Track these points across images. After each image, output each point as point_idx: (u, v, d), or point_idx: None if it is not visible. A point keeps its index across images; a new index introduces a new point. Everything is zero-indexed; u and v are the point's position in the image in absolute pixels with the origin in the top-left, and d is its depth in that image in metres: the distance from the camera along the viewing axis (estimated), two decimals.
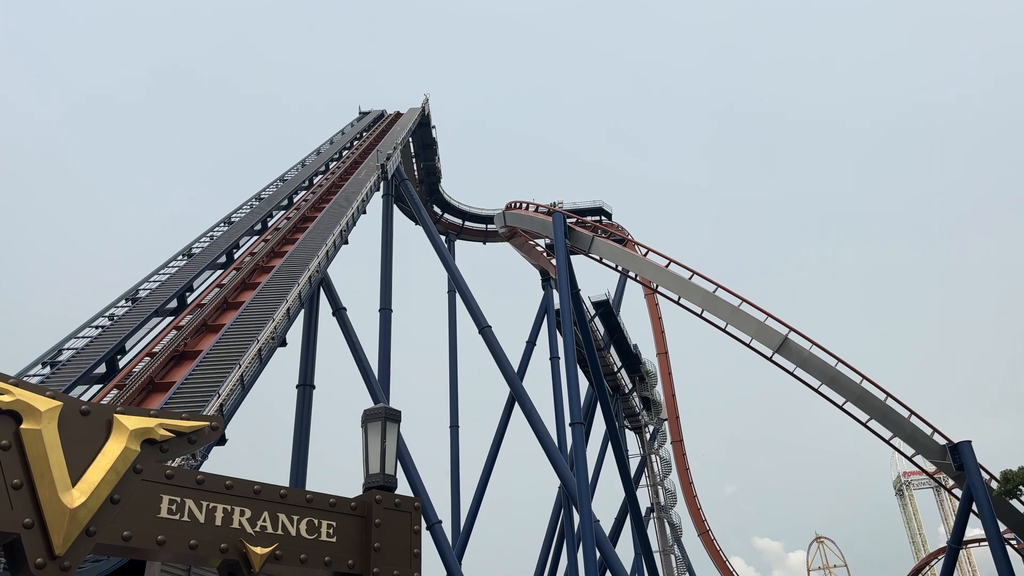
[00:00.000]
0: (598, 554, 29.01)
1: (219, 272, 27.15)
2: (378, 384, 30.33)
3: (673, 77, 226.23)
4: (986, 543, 30.59)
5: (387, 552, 6.01)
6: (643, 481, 52.73)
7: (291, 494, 5.80)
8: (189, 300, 24.84)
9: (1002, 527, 28.84)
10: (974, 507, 28.49)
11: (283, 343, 23.34)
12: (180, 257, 27.35)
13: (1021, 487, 27.70)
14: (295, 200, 35.61)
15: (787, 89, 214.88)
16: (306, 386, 29.80)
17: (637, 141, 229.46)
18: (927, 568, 69.24)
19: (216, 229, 30.50)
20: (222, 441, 17.14)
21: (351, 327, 30.89)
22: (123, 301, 23.33)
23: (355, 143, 45.69)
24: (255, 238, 30.84)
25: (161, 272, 25.78)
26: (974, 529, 36.34)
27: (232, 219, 31.78)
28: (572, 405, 32.76)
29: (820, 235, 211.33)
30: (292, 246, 28.41)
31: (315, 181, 38.49)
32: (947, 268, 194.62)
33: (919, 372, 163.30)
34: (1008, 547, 29.68)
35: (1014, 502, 28.96)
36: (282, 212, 34.00)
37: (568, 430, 35.98)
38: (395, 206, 41.68)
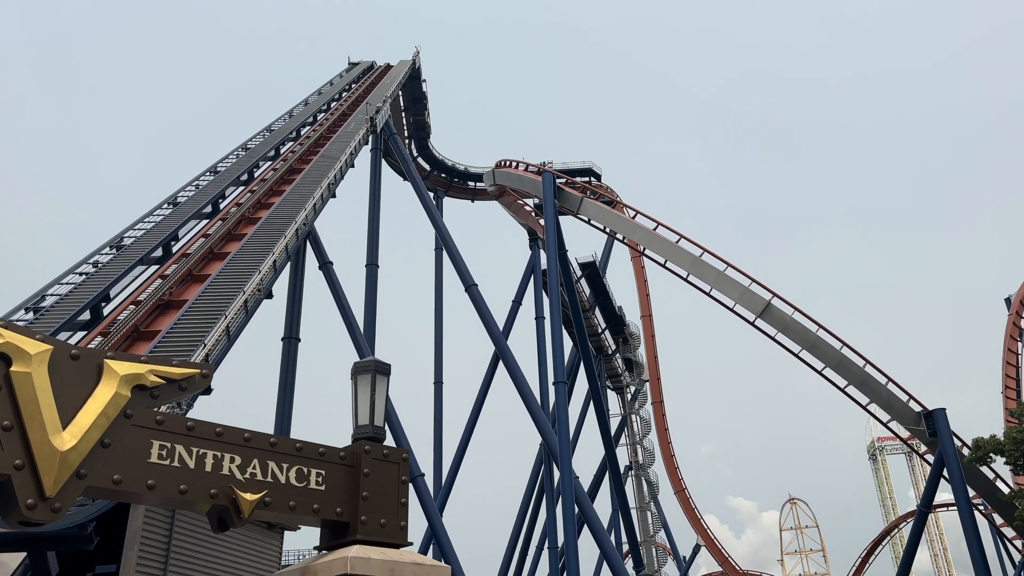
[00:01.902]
0: (576, 509, 29.52)
1: (205, 222, 26.89)
2: (364, 339, 30.35)
3: (672, 42, 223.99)
4: (955, 508, 31.47)
5: (375, 501, 6.10)
6: (623, 440, 53.48)
7: (281, 443, 5.85)
8: (174, 249, 24.63)
9: (971, 493, 29.58)
10: (945, 473, 29.17)
11: (269, 295, 23.26)
12: (165, 206, 27.06)
13: (991, 454, 28.33)
14: (282, 151, 35.17)
15: (782, 60, 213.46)
16: (291, 339, 29.78)
17: (631, 105, 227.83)
18: (896, 530, 71.20)
19: (202, 178, 30.13)
20: (208, 391, 17.09)
21: (338, 282, 30.79)
22: (107, 248, 23.11)
23: (344, 95, 45.02)
24: (241, 188, 30.50)
25: (146, 220, 25.51)
26: (943, 494, 37.34)
27: (218, 168, 31.38)
28: (556, 364, 33.01)
29: (809, 203, 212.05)
30: (279, 198, 28.14)
31: (302, 132, 37.99)
32: (929, 240, 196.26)
33: (898, 341, 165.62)
34: (976, 512, 30.50)
35: (984, 469, 29.67)
36: (269, 163, 33.58)
37: (551, 389, 36.31)
38: (383, 160, 41.26)
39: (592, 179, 48.30)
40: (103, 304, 20.34)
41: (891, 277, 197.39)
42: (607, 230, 38.00)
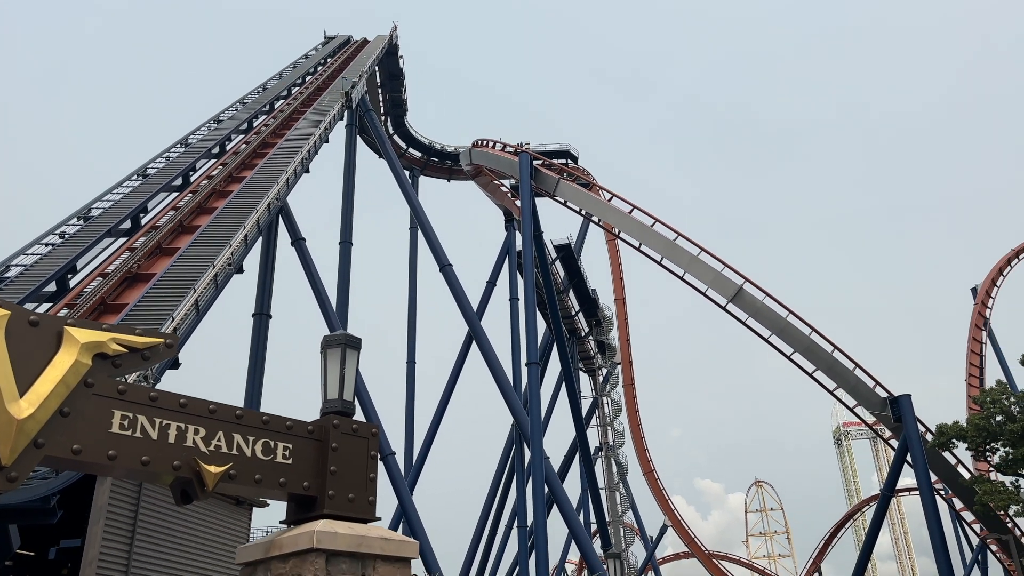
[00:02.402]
0: (546, 489, 29.70)
1: (175, 194, 26.46)
2: (336, 317, 30.12)
3: (653, 29, 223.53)
4: (917, 492, 32.11)
5: (343, 476, 6.03)
6: (594, 421, 53.82)
7: (247, 415, 5.75)
8: (143, 222, 24.21)
9: (933, 478, 30.21)
10: (909, 458, 29.73)
11: (240, 270, 22.96)
12: (135, 177, 26.55)
13: (954, 440, 28.92)
14: (255, 124, 34.63)
15: (762, 54, 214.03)
16: (262, 315, 29.49)
17: (609, 91, 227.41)
18: (859, 514, 72.64)
19: (172, 150, 29.59)
20: (175, 365, 16.94)
21: (310, 258, 30.47)
22: (75, 219, 22.64)
23: (319, 69, 44.37)
24: (212, 161, 30.01)
25: (115, 191, 25.02)
26: (906, 479, 38.10)
27: (189, 140, 30.85)
28: (529, 346, 33.04)
29: (784, 187, 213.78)
30: (251, 172, 27.73)
31: (276, 106, 37.41)
32: (899, 232, 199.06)
33: (867, 329, 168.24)
34: (937, 496, 31.17)
35: (946, 454, 30.29)
36: (241, 136, 33.06)
37: (524, 370, 36.37)
38: (359, 137, 40.78)
39: (569, 161, 48.20)
40: (69, 276, 19.95)
41: (861, 269, 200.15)
42: (583, 212, 37.98)
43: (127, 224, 23.37)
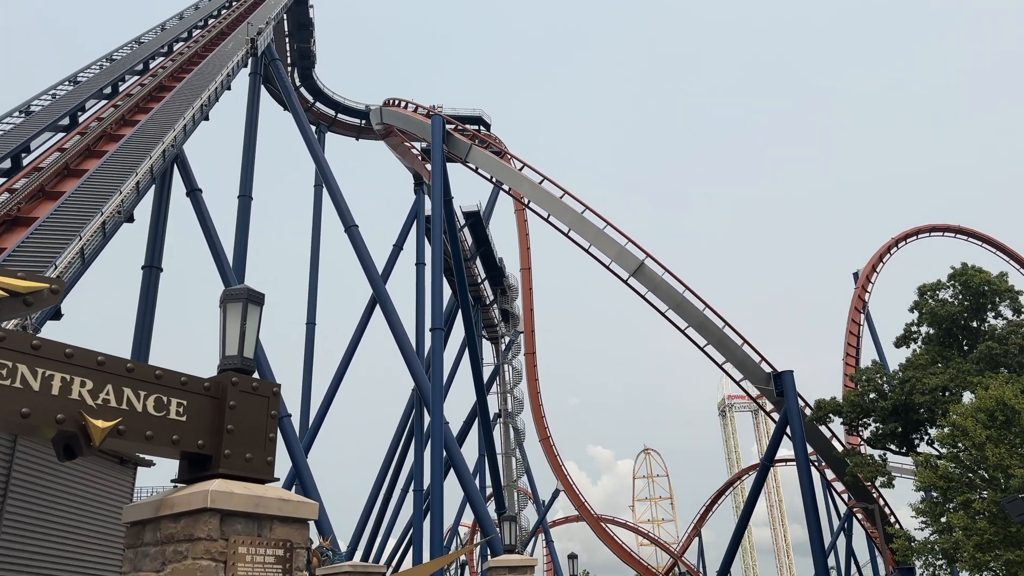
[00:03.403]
0: (444, 454, 29.88)
1: (61, 135, 24.76)
2: (232, 273, 29.06)
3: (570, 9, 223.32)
4: (794, 463, 34.08)
5: (241, 435, 5.83)
6: (494, 388, 54.40)
7: (139, 369, 5.45)
8: (25, 162, 22.55)
9: (809, 449, 32.16)
10: (788, 430, 31.50)
11: (130, 219, 21.79)
12: (17, 114, 24.65)
13: (830, 415, 30.76)
14: (151, 66, 32.71)
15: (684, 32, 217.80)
16: (152, 268, 28.17)
17: (522, 59, 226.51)
18: (739, 482, 76.66)
19: (59, 87, 27.62)
20: (57, 315, 15.98)
21: (206, 211, 29.20)
22: None
23: (223, 12, 42.15)
24: (103, 103, 28.22)
25: None
26: (784, 450, 40.35)
27: (78, 79, 28.86)
28: (434, 311, 32.95)
29: (692, 164, 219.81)
30: (145, 116, 26.25)
31: (175, 48, 35.42)
32: (788, 218, 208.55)
33: (757, 309, 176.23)
34: (812, 467, 33.21)
35: (822, 428, 32.24)
36: (136, 78, 31.19)
37: (427, 335, 36.27)
38: (263, 87, 39.17)
39: (481, 128, 47.86)
40: None
41: (758, 249, 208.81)
42: (494, 180, 37.92)
43: (7, 164, 21.74)
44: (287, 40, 47.14)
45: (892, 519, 34.24)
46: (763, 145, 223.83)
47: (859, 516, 41.33)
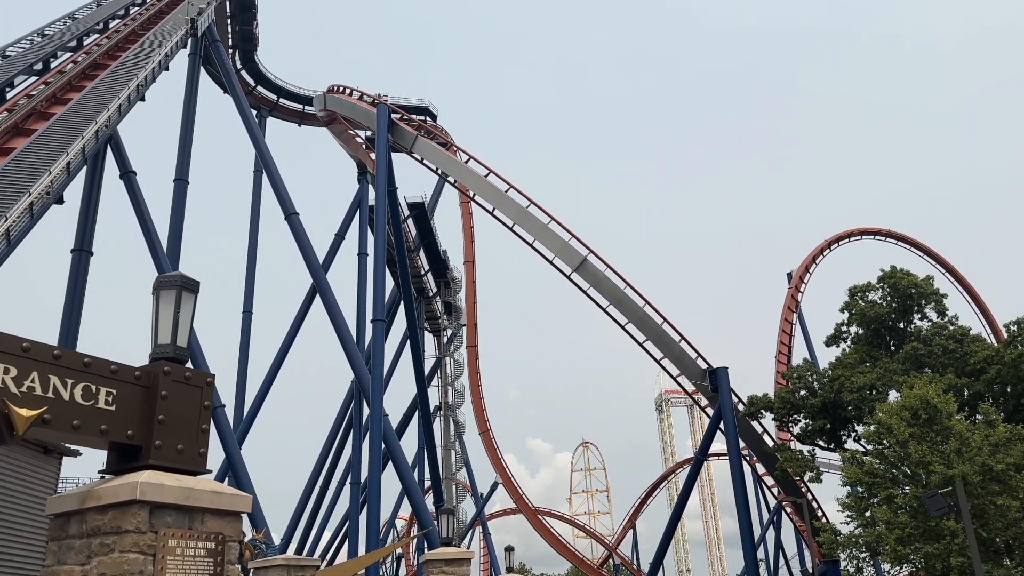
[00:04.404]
0: (383, 446, 29.66)
1: None
2: (166, 259, 28.23)
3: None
4: (727, 457, 34.92)
5: (172, 425, 5.69)
6: (435, 381, 54.19)
7: (67, 356, 5.28)
8: None
9: (741, 444, 33.00)
10: (721, 425, 32.26)
11: (60, 201, 20.97)
12: None
13: (762, 411, 31.62)
14: (85, 43, 31.52)
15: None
16: (82, 251, 27.18)
17: (469, 51, 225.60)
18: (673, 475, 78.22)
19: None
20: None
21: (140, 194, 28.28)
22: None
23: None
24: (34, 79, 27.09)
25: None
26: (717, 444, 41.33)
27: (7, 53, 27.66)
28: (376, 302, 32.63)
29: (633, 159, 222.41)
30: (78, 94, 25.32)
31: (111, 25, 34.18)
32: (726, 217, 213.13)
33: (693, 308, 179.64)
34: (744, 462, 34.10)
35: (754, 423, 33.12)
36: (69, 54, 30.02)
37: (368, 327, 35.92)
38: (203, 68, 38.09)
39: (427, 118, 47.52)
40: None
41: (693, 251, 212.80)
42: (439, 171, 37.71)
43: None
44: (229, 21, 45.94)
45: (819, 513, 35.39)
46: (703, 146, 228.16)
47: (788, 510, 42.62)
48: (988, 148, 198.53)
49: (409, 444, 49.60)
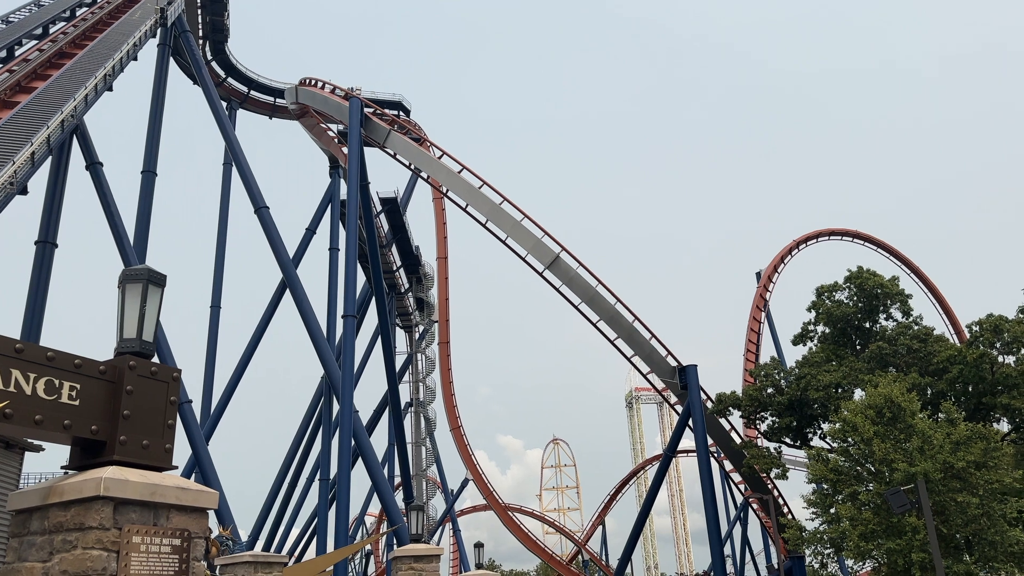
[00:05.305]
0: (353, 442, 29.53)
1: None
2: (133, 252, 27.87)
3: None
4: (695, 453, 35.27)
5: (138, 420, 5.61)
6: (407, 377, 54.05)
7: (29, 349, 5.18)
8: None
9: (709, 440, 33.34)
10: (690, 422, 32.57)
11: (24, 191, 20.57)
12: None
13: (730, 408, 31.94)
14: (51, 31, 30.91)
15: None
16: (47, 243, 26.72)
17: (443, 45, 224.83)
18: (642, 472, 78.81)
19: None
20: None
21: (107, 185, 27.88)
22: None
23: None
24: None
25: None
26: (686, 441, 41.75)
27: None
28: (347, 298, 32.46)
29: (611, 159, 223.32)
30: (43, 83, 24.82)
31: (78, 13, 33.55)
32: (698, 217, 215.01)
33: (664, 306, 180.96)
34: (712, 458, 34.45)
35: (723, 420, 33.47)
36: (34, 42, 29.44)
37: (339, 322, 35.71)
38: (172, 59, 37.59)
39: (401, 113, 47.32)
40: None
41: (664, 248, 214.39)
42: (412, 167, 37.58)
43: None
44: (199, 12, 45.31)
45: (785, 510, 35.90)
46: (676, 147, 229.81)
47: (755, 506, 43.14)
48: (954, 154, 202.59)
49: (379, 440, 49.47)
